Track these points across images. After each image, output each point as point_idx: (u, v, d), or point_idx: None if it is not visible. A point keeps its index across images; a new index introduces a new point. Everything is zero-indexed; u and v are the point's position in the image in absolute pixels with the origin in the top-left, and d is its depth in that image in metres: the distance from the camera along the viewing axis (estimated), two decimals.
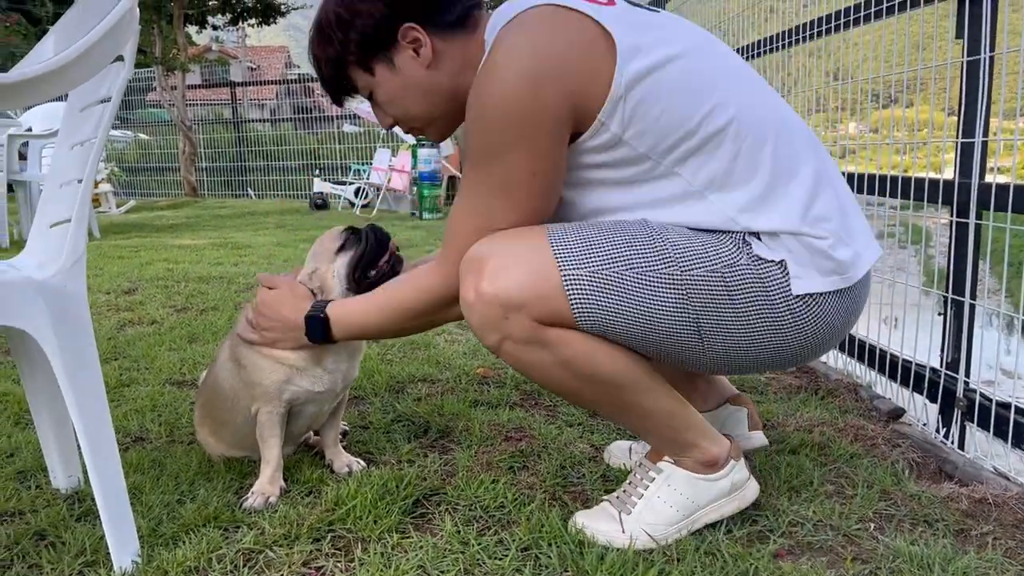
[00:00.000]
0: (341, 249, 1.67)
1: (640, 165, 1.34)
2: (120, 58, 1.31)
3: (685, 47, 1.34)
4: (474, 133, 1.37)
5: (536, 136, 1.31)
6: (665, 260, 1.31)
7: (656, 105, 1.29)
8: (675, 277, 1.31)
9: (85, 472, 1.62)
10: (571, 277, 1.30)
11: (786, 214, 1.32)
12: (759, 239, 1.34)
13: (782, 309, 1.34)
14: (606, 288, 1.30)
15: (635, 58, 1.29)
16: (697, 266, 1.31)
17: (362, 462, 1.78)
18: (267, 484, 1.63)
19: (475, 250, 1.36)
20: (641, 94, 1.29)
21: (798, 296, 1.33)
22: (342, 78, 1.51)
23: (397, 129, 1.60)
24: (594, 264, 1.31)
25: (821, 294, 1.34)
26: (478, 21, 1.46)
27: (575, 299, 1.30)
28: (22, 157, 6.58)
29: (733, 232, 1.34)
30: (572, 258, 1.31)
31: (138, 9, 1.32)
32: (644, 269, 1.31)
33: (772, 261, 1.33)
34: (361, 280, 1.64)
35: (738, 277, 1.32)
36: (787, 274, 1.33)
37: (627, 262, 1.31)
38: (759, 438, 1.75)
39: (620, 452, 1.81)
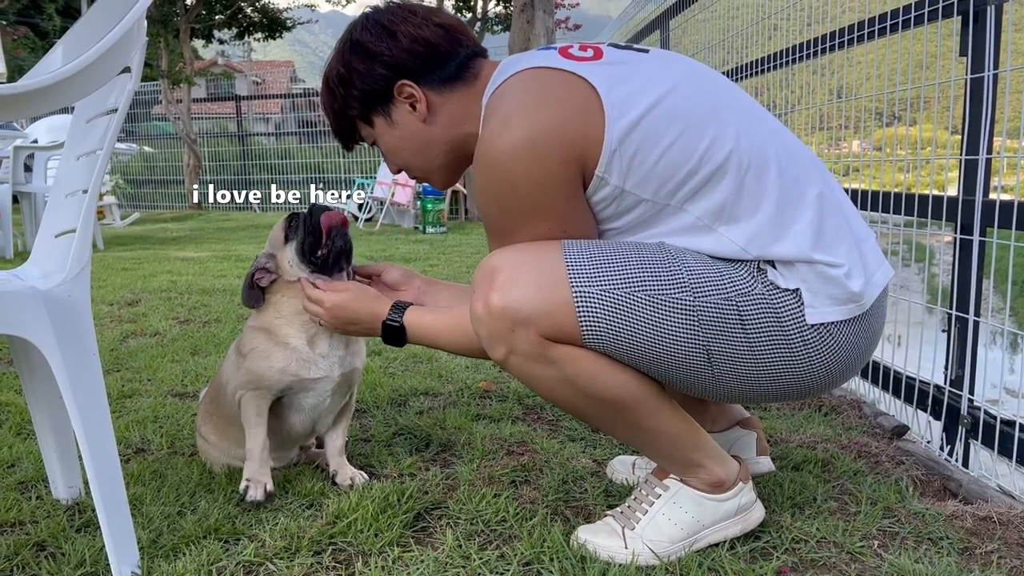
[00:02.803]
0: (287, 239, 1.73)
1: (647, 209, 1.35)
2: (127, 69, 1.32)
3: (673, 83, 1.34)
4: (490, 211, 1.40)
5: (553, 201, 1.34)
6: (679, 285, 1.30)
7: (653, 151, 1.30)
8: (687, 303, 1.30)
9: (86, 483, 1.62)
10: (582, 294, 1.30)
11: (796, 241, 1.31)
12: (774, 267, 1.32)
13: (795, 339, 1.32)
14: (616, 308, 1.30)
15: (624, 110, 1.29)
16: (711, 293, 1.30)
17: (365, 475, 1.78)
18: (257, 473, 1.66)
19: (490, 261, 1.36)
20: (635, 144, 1.29)
21: (812, 326, 1.32)
22: (347, 128, 1.59)
23: None
24: (606, 283, 1.30)
25: (835, 324, 1.32)
26: (479, 72, 1.49)
27: (584, 316, 1.30)
28: (27, 169, 6.60)
29: (748, 261, 1.33)
30: (585, 275, 1.30)
31: (145, 21, 1.33)
32: (656, 292, 1.30)
33: (787, 290, 1.31)
34: (313, 261, 1.69)
35: (752, 306, 1.31)
36: (801, 303, 1.31)
37: (640, 284, 1.30)
38: (766, 463, 1.73)
39: (623, 467, 1.80)
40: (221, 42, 17.02)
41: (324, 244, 1.68)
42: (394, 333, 1.59)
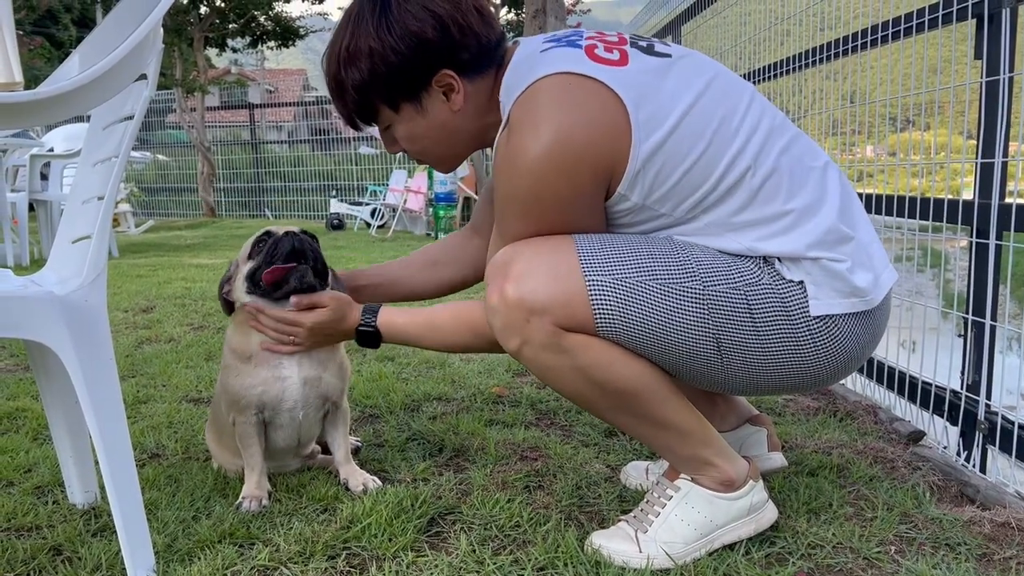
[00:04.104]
0: (251, 256, 1.70)
1: (663, 221, 1.38)
2: (143, 76, 1.33)
3: (696, 95, 1.34)
4: (508, 215, 1.40)
5: (572, 213, 1.36)
6: (689, 274, 1.32)
7: (675, 171, 1.32)
8: (697, 291, 1.32)
9: (102, 487, 1.63)
10: (595, 283, 1.31)
11: (802, 242, 1.33)
12: (780, 260, 1.35)
13: (802, 329, 1.34)
14: (629, 296, 1.31)
15: (649, 132, 1.30)
16: (720, 282, 1.32)
17: (378, 480, 1.78)
18: (254, 489, 1.68)
19: (502, 255, 1.38)
20: (658, 165, 1.31)
21: (817, 317, 1.34)
22: (363, 106, 1.48)
23: None
24: (619, 272, 1.32)
25: (840, 316, 1.35)
26: (503, 58, 1.47)
27: (598, 305, 1.31)
28: (43, 177, 6.66)
29: (755, 256, 1.35)
30: (597, 265, 1.32)
31: (161, 29, 1.34)
32: (668, 281, 1.32)
33: (791, 281, 1.34)
34: (259, 290, 1.66)
35: (760, 296, 1.33)
36: (806, 295, 1.34)
37: (652, 272, 1.32)
38: (778, 459, 1.73)
39: (637, 472, 1.79)
40: (234, 51, 17.09)
41: (279, 277, 1.63)
42: (368, 336, 1.65)
